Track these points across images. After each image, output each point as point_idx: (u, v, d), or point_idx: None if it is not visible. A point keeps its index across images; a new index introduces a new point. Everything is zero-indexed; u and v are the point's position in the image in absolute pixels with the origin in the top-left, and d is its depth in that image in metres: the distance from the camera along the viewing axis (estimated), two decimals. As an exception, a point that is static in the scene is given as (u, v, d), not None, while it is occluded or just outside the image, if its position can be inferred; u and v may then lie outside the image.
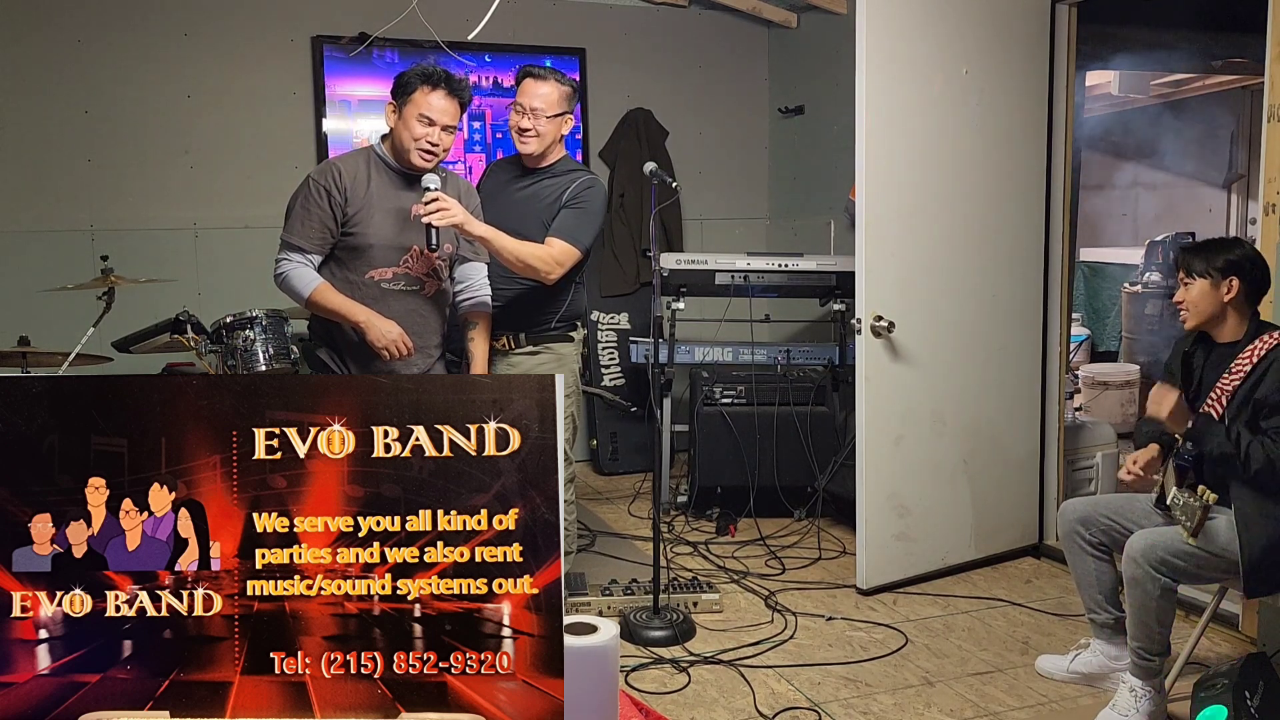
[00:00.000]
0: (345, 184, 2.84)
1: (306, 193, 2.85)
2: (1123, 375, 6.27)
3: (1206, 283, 2.68)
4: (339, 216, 2.84)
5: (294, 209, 2.86)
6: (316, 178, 2.87)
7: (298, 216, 2.84)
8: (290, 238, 2.85)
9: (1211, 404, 2.65)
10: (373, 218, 2.85)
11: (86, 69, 4.72)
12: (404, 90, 2.85)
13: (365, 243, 2.85)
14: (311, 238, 2.84)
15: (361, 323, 2.81)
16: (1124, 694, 2.71)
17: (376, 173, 2.90)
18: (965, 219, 3.79)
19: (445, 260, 2.98)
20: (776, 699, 2.93)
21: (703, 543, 4.30)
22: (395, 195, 2.90)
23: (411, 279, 2.92)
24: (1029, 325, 4.03)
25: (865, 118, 3.52)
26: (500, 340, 3.22)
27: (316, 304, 2.85)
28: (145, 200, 4.86)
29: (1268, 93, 3.02)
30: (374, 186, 2.87)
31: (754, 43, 5.98)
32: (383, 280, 2.88)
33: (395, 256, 2.88)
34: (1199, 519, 2.46)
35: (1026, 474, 4.08)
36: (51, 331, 4.04)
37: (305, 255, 2.85)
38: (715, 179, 5.94)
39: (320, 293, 2.83)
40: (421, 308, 2.95)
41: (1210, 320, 2.72)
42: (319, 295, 2.83)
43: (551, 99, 3.16)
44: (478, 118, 5.36)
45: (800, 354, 4.84)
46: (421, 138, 2.83)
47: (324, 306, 2.85)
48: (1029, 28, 3.89)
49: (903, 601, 3.65)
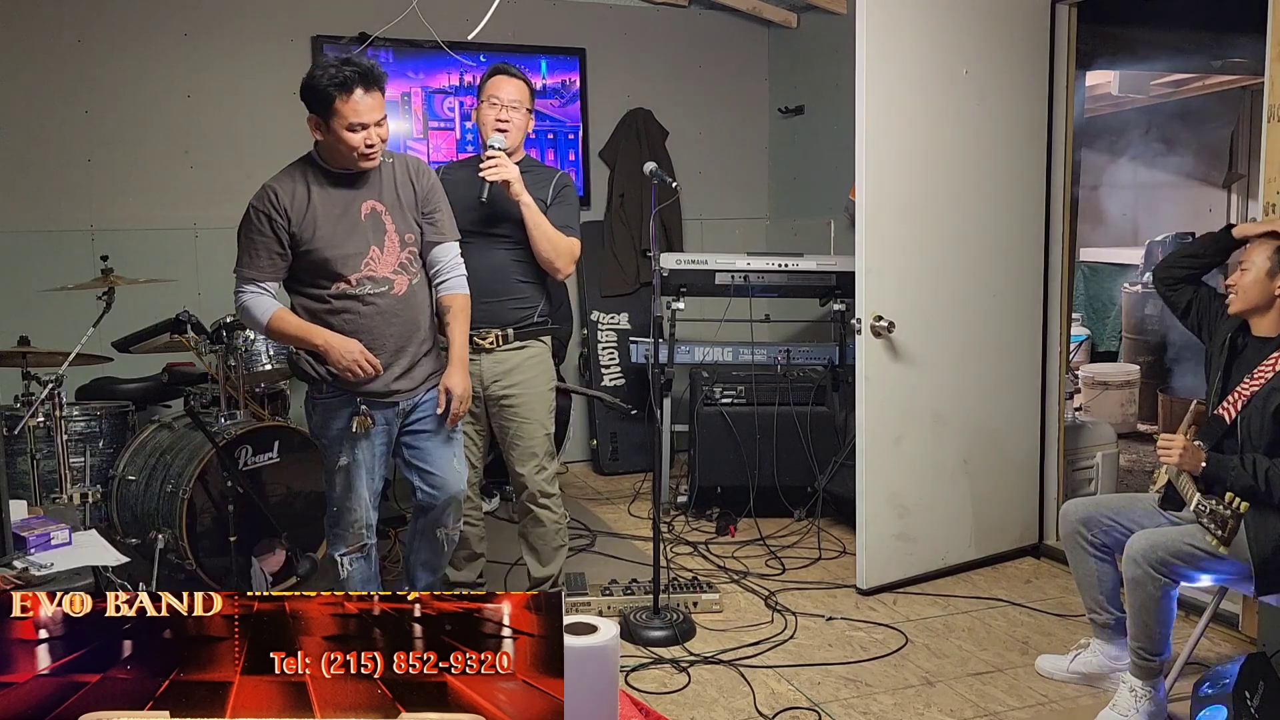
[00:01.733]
0: (284, 204, 2.74)
1: (248, 222, 2.78)
2: (1123, 375, 6.28)
3: (1264, 271, 2.67)
4: (285, 240, 2.75)
5: (240, 240, 2.80)
6: (256, 204, 2.77)
7: (244, 248, 2.78)
8: (242, 270, 2.79)
9: (1227, 407, 2.66)
10: (319, 231, 2.75)
11: (86, 69, 4.72)
12: (322, 102, 2.65)
13: (321, 256, 2.75)
14: (262, 267, 2.77)
15: (320, 346, 2.75)
16: (1124, 694, 2.71)
17: (316, 183, 2.78)
18: (965, 219, 3.79)
19: (414, 249, 2.88)
20: (776, 699, 2.93)
21: (703, 543, 4.30)
22: (340, 198, 2.79)
23: (378, 280, 2.80)
24: (1029, 325, 4.03)
25: (865, 118, 3.52)
26: (489, 338, 3.19)
27: (275, 331, 2.81)
28: (145, 200, 4.86)
29: (1268, 93, 3.02)
30: (315, 199, 2.76)
31: (754, 43, 5.98)
32: (349, 289, 2.78)
33: (355, 262, 2.77)
34: (1231, 527, 2.43)
35: (1026, 474, 4.08)
36: (51, 331, 4.04)
37: (260, 284, 2.78)
38: (715, 179, 5.94)
39: (277, 319, 2.77)
40: (396, 307, 2.84)
41: (1255, 309, 2.71)
42: (276, 322, 2.78)
43: (523, 94, 3.22)
44: (470, 117, 5.35)
45: (800, 354, 4.85)
46: (359, 144, 2.68)
47: (282, 333, 2.80)
48: (1029, 28, 3.89)
49: (903, 601, 3.65)
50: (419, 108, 5.22)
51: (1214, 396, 2.77)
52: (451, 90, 5.28)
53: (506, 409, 3.24)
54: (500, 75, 3.22)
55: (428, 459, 2.95)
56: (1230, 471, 2.55)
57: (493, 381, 3.22)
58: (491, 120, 3.17)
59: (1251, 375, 2.64)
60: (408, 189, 2.87)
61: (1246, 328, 2.77)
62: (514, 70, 3.26)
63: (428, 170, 2.96)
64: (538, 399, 3.27)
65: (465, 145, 5.37)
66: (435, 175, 3.00)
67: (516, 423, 3.25)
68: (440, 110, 5.28)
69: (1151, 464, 5.49)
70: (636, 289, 5.68)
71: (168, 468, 3.61)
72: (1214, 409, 2.73)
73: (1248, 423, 2.61)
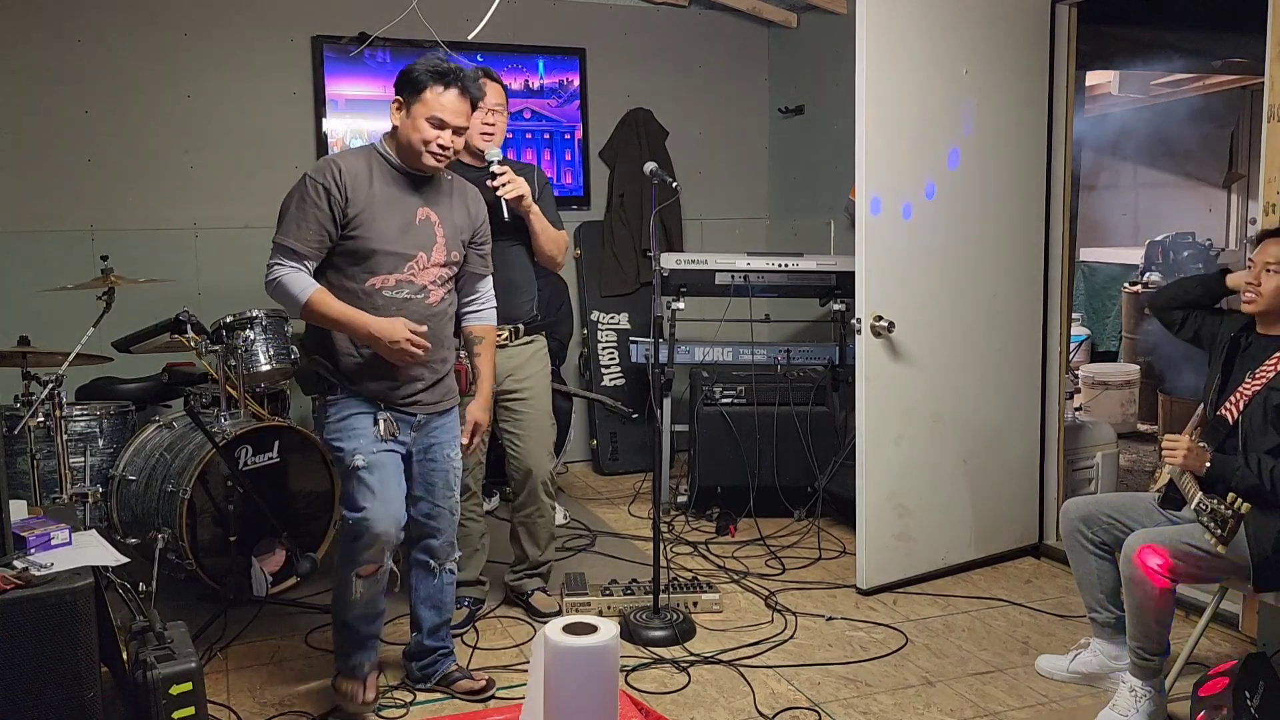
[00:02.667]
0: (346, 182, 2.60)
1: (303, 192, 2.60)
2: (1123, 375, 6.28)
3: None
4: (338, 218, 2.60)
5: (289, 210, 2.62)
6: (315, 176, 2.61)
7: (293, 218, 2.59)
8: (285, 240, 2.59)
9: (1229, 408, 2.66)
10: (375, 220, 2.62)
11: (86, 69, 4.72)
12: (413, 88, 2.63)
13: (367, 247, 2.62)
14: (308, 241, 2.58)
15: (368, 330, 2.58)
16: (1124, 694, 2.71)
17: (380, 173, 2.67)
18: (965, 219, 3.79)
19: (453, 269, 2.80)
20: (776, 699, 2.93)
21: (703, 543, 4.30)
22: (400, 198, 2.68)
23: (415, 287, 2.68)
24: (1029, 325, 4.03)
25: (865, 118, 3.52)
26: (503, 334, 3.26)
27: (314, 312, 2.61)
28: (145, 200, 4.86)
29: (1268, 93, 3.02)
30: (377, 187, 2.65)
31: (754, 43, 5.98)
32: (385, 288, 2.65)
33: (399, 263, 2.65)
34: (1231, 527, 2.42)
35: (1026, 474, 4.08)
36: (51, 331, 4.04)
37: (301, 260, 2.60)
38: (715, 179, 5.94)
39: (318, 299, 2.58)
40: (427, 317, 2.70)
41: (1272, 313, 2.70)
42: (317, 302, 2.58)
43: (501, 97, 3.28)
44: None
45: (800, 354, 4.85)
46: (432, 140, 2.63)
47: (323, 314, 2.60)
48: (1029, 28, 3.89)
49: (903, 601, 3.65)
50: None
51: (1212, 395, 2.77)
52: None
53: (518, 401, 3.35)
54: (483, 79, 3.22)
55: (431, 487, 2.83)
56: (1235, 472, 2.55)
57: (506, 376, 3.30)
58: (478, 124, 3.18)
59: (1254, 375, 2.64)
60: (462, 212, 2.81)
61: (1251, 327, 2.77)
62: (491, 73, 3.27)
63: (482, 202, 2.92)
64: (544, 390, 3.43)
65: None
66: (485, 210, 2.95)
67: (528, 413, 3.36)
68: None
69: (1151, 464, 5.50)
70: (636, 289, 5.69)
71: (168, 468, 3.61)
72: (1214, 409, 2.73)
73: (1249, 421, 2.61)
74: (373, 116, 5.16)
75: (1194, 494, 2.57)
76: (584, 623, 1.50)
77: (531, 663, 1.59)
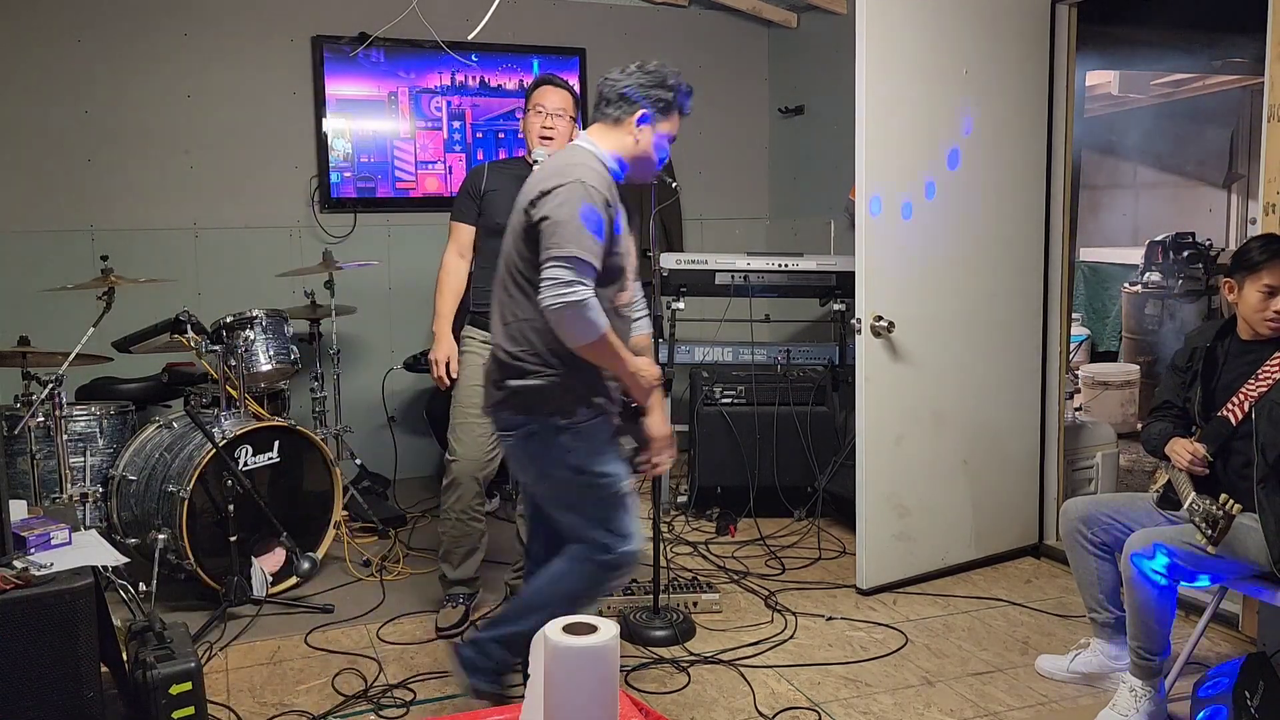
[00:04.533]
0: (614, 198, 2.38)
1: (589, 209, 2.26)
2: (1123, 375, 6.27)
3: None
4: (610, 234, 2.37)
5: (577, 230, 2.25)
6: (599, 188, 2.32)
7: (583, 238, 2.24)
8: (584, 255, 2.24)
9: (1231, 409, 2.65)
10: (624, 237, 2.46)
11: (86, 69, 4.72)
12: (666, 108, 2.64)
13: (619, 265, 2.40)
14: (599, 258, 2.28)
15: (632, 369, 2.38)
16: (1124, 694, 2.71)
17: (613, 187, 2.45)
18: (965, 219, 3.79)
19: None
20: (776, 699, 2.93)
21: (703, 543, 4.30)
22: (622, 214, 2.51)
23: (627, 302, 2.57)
24: (1029, 325, 4.03)
25: (865, 118, 3.52)
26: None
27: (603, 347, 2.30)
28: (145, 200, 4.87)
29: (1268, 93, 3.02)
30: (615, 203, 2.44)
31: (754, 43, 5.98)
32: (622, 306, 2.47)
33: (627, 280, 2.51)
34: (1221, 528, 2.42)
35: (1026, 474, 4.08)
36: (51, 331, 4.04)
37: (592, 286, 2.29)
38: (715, 179, 5.94)
39: (612, 334, 2.30)
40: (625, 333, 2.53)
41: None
42: (611, 338, 2.30)
43: (567, 103, 3.35)
44: (458, 117, 5.34)
45: (800, 354, 4.85)
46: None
47: (611, 350, 2.32)
48: (1029, 28, 3.89)
49: (903, 601, 3.65)
50: (405, 107, 5.22)
51: (1196, 406, 2.76)
52: (440, 90, 5.28)
53: None
54: (546, 85, 3.36)
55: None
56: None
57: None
58: (537, 128, 3.30)
59: (1256, 376, 2.64)
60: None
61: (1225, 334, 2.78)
62: (559, 80, 3.39)
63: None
64: None
65: (453, 145, 5.35)
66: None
67: None
68: (428, 110, 5.27)
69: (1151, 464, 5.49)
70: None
71: (168, 468, 3.61)
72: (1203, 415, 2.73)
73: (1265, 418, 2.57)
74: (373, 116, 5.16)
75: (1188, 494, 2.58)
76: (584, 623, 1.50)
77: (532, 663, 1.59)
